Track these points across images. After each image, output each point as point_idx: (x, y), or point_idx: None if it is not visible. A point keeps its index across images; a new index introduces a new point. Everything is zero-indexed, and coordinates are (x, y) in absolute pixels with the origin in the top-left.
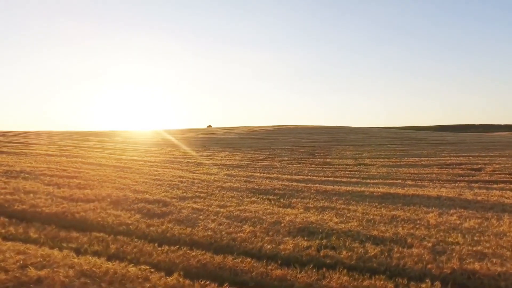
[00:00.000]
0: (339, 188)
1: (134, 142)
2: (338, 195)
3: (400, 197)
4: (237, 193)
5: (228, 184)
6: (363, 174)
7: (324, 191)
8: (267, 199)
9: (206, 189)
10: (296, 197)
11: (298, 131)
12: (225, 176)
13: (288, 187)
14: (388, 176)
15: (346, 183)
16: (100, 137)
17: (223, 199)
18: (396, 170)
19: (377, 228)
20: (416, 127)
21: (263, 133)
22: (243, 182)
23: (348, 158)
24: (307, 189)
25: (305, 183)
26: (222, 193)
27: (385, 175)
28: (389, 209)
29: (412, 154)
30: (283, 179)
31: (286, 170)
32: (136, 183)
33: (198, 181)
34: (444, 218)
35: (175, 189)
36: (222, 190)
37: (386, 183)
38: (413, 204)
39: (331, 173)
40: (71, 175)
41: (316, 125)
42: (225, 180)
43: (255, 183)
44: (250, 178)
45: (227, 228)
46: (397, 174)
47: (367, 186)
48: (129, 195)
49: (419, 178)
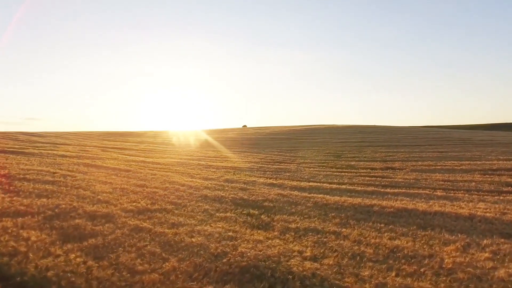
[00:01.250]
0: (345, 200)
1: (166, 142)
2: (338, 210)
3: (418, 216)
4: (217, 205)
5: (216, 193)
6: (385, 181)
7: (325, 204)
8: (247, 214)
9: (185, 198)
10: (285, 212)
11: (331, 131)
12: (224, 181)
13: (284, 198)
14: (415, 183)
15: (358, 193)
16: (137, 137)
17: (189, 214)
18: (428, 176)
19: (359, 271)
20: (463, 126)
21: (294, 133)
22: (236, 190)
23: (376, 161)
24: (306, 200)
25: (309, 191)
26: (197, 205)
27: (411, 182)
28: (396, 234)
29: (452, 156)
30: (286, 186)
31: (298, 175)
32: (102, 192)
33: (187, 187)
34: (470, 256)
35: (145, 199)
36: (202, 201)
37: (409, 193)
38: (432, 227)
39: (347, 179)
40: (46, 179)
41: (351, 124)
42: (217, 187)
43: (249, 192)
44: (249, 184)
45: (142, 263)
46: (427, 181)
47: (382, 197)
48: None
49: (453, 187)
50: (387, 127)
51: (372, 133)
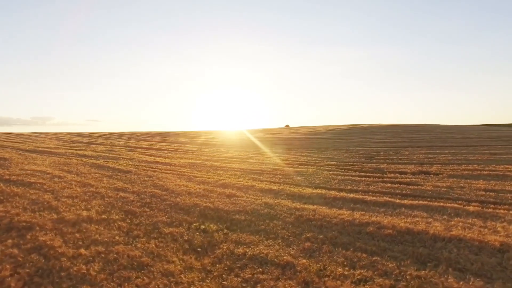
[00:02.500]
0: (337, 215)
1: (204, 142)
2: (320, 228)
3: (425, 242)
4: (179, 215)
5: (192, 200)
6: (408, 189)
7: (309, 219)
8: (200, 230)
9: (153, 205)
10: (250, 229)
11: (372, 130)
12: (218, 186)
13: (267, 209)
14: (445, 193)
15: (364, 204)
16: (179, 137)
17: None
18: (467, 183)
19: None
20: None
21: (334, 132)
22: (222, 196)
23: (411, 164)
24: (290, 213)
25: (305, 201)
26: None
27: (442, 191)
28: (372, 273)
29: (507, 160)
30: (284, 193)
31: (309, 180)
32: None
33: (168, 192)
34: None
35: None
36: (167, 209)
37: (431, 206)
38: (437, 261)
39: (364, 186)
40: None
41: (396, 123)
42: (200, 193)
43: (231, 200)
44: (242, 190)
45: None
46: (464, 190)
47: (392, 211)
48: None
49: (496, 200)
50: (435, 126)
51: (417, 132)
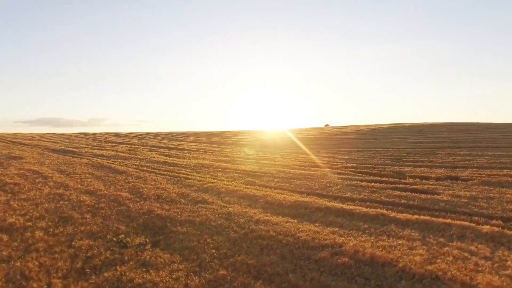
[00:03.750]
0: (300, 231)
1: (229, 142)
2: (260, 250)
3: (383, 279)
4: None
5: (135, 205)
6: (419, 199)
7: (258, 236)
8: (115, 242)
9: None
10: (173, 247)
11: (411, 130)
12: (200, 190)
13: (224, 220)
14: (465, 205)
15: (348, 217)
16: (215, 137)
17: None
18: (500, 193)
19: None
20: None
21: (370, 132)
22: (190, 202)
23: (442, 167)
24: (242, 227)
25: (278, 212)
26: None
27: (461, 203)
28: None
29: None
30: (263, 201)
31: (308, 184)
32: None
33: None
34: None
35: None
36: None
37: (433, 224)
38: None
39: (368, 193)
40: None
41: (440, 122)
42: (167, 199)
43: (199, 207)
44: (222, 196)
45: None
46: (491, 202)
47: (379, 228)
48: None
49: None
50: (486, 125)
51: (462, 132)
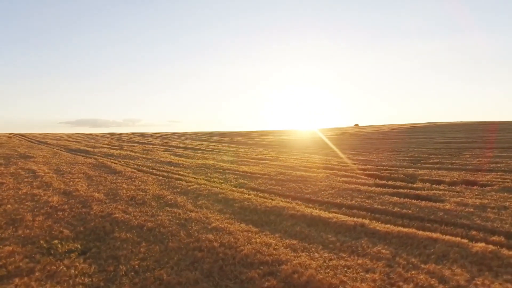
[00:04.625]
0: (241, 246)
1: (251, 142)
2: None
3: None
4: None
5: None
6: (416, 207)
7: (166, 248)
8: (44, 251)
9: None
10: (93, 257)
11: (442, 129)
12: (179, 193)
13: (155, 230)
14: (467, 216)
15: (320, 228)
16: (237, 137)
17: None
18: None
19: None
20: None
21: (397, 131)
22: (157, 207)
23: (462, 170)
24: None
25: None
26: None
27: (464, 213)
28: None
29: None
30: (241, 204)
31: (300, 188)
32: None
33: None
34: None
35: None
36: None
37: (416, 238)
38: None
39: (362, 199)
40: None
41: (476, 121)
42: (142, 201)
43: (166, 210)
44: (190, 200)
45: None
46: (502, 213)
47: (349, 241)
48: None
49: None
50: None
51: (498, 131)
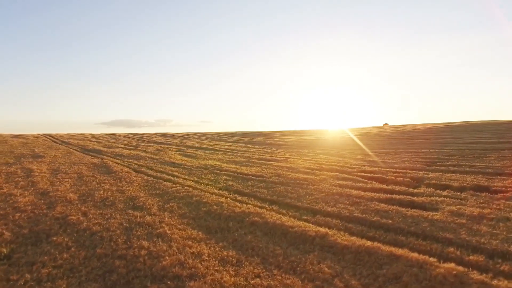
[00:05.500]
0: (158, 258)
1: (271, 142)
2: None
3: None
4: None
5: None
6: (402, 216)
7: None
8: None
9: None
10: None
11: (474, 128)
12: (155, 195)
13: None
14: (454, 229)
15: (274, 239)
16: (260, 137)
17: None
18: None
19: None
20: None
21: (424, 131)
22: (121, 208)
23: (480, 173)
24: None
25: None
26: None
27: (452, 225)
28: None
29: None
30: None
31: (285, 192)
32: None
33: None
34: None
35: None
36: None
37: (378, 255)
38: None
39: (347, 205)
40: None
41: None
42: (112, 201)
43: (125, 212)
44: (152, 196)
45: None
46: (502, 227)
47: (283, 266)
48: None
49: None
50: None
51: None
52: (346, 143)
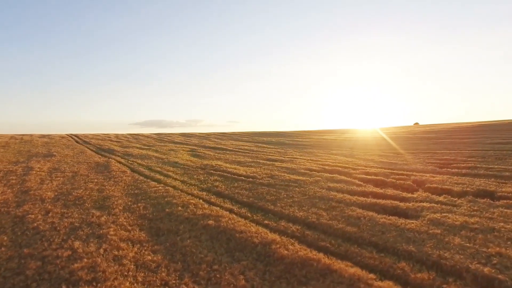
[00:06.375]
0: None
1: (285, 142)
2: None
3: None
4: None
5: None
6: (370, 226)
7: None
8: None
9: None
10: None
11: (508, 127)
12: (130, 194)
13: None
14: (429, 238)
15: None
16: (280, 137)
17: None
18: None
19: None
20: None
21: (451, 131)
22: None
23: (492, 177)
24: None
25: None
26: None
27: (424, 237)
28: None
29: None
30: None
31: (262, 194)
32: None
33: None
34: None
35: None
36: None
37: (319, 271)
38: None
39: (316, 210)
40: None
41: None
42: (84, 199)
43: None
44: (120, 193)
45: None
46: (479, 240)
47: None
48: None
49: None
50: None
51: None
52: (366, 143)
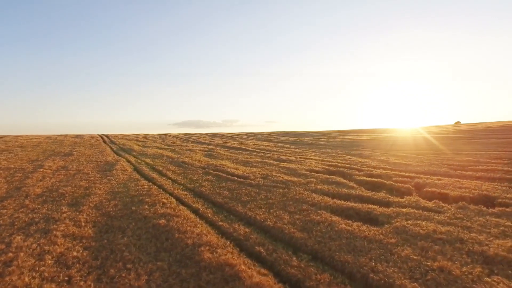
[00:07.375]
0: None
1: (308, 142)
2: None
3: None
4: None
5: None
6: (322, 234)
7: None
8: None
9: None
10: None
11: None
12: (111, 192)
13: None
14: (369, 250)
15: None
16: (305, 137)
17: None
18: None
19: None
20: None
21: (489, 131)
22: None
23: (506, 182)
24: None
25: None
26: None
27: (376, 246)
28: None
29: None
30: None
31: (240, 195)
32: None
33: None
34: None
35: None
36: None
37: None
38: None
39: (290, 212)
40: None
41: None
42: (71, 195)
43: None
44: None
45: None
46: (450, 249)
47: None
48: None
49: None
50: None
51: None
52: (391, 143)
